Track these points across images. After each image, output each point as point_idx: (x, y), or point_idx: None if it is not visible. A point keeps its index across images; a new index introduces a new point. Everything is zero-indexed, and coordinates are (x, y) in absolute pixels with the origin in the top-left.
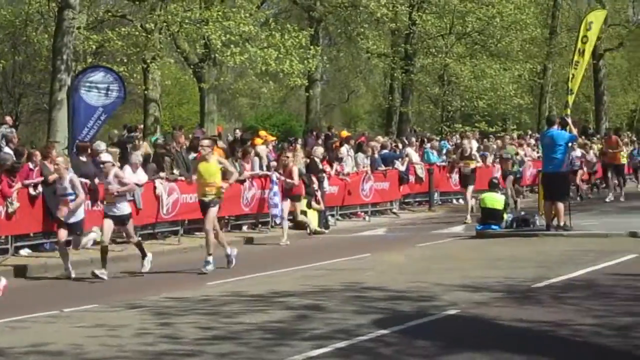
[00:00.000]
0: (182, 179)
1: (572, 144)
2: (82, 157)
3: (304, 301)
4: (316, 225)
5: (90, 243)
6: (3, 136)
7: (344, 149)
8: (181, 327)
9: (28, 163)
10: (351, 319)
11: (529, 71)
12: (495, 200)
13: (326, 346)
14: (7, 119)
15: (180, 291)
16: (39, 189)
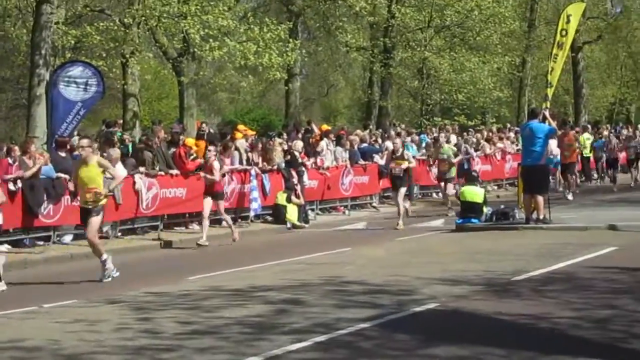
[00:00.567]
0: (162, 174)
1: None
2: (61, 153)
3: (284, 295)
4: (296, 219)
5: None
6: None
7: (324, 143)
8: (161, 322)
9: (7, 158)
10: (331, 313)
11: (508, 64)
12: (474, 193)
13: (306, 340)
14: None
15: (159, 286)
16: (19, 184)
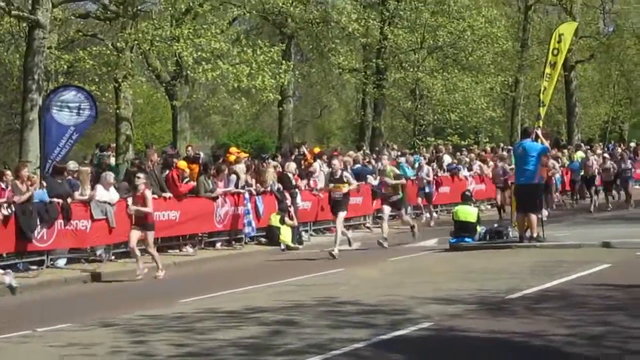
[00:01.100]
0: (155, 197)
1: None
2: (58, 179)
3: (278, 316)
4: (290, 241)
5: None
6: None
7: (317, 165)
8: (155, 345)
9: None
10: (325, 334)
11: (501, 84)
12: (468, 213)
13: None
14: None
15: (153, 309)
16: (12, 209)
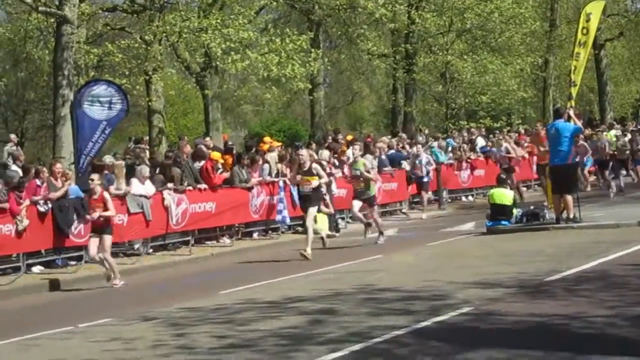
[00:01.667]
0: (190, 189)
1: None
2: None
3: (318, 305)
4: (326, 228)
5: None
6: (9, 154)
7: (350, 152)
8: (196, 337)
9: (35, 180)
10: (365, 322)
11: (531, 65)
12: (504, 196)
13: (341, 350)
14: (12, 137)
15: (193, 301)
16: (48, 205)
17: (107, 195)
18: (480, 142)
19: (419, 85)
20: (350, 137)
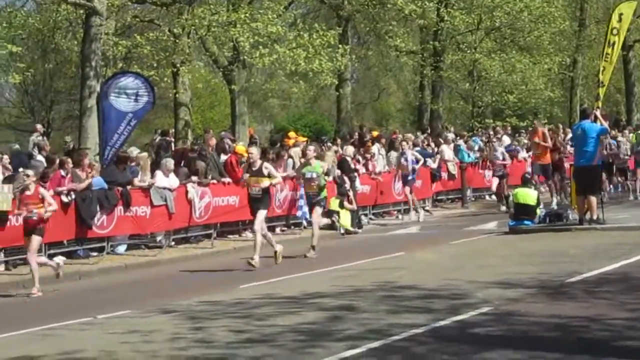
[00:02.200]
0: (214, 182)
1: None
2: (120, 167)
3: (337, 302)
4: (349, 225)
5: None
6: (35, 144)
7: (375, 148)
8: (214, 331)
9: (60, 170)
10: (384, 319)
11: (559, 64)
12: (528, 195)
13: (360, 347)
14: (38, 127)
15: (212, 295)
16: (72, 196)
17: (44, 190)
18: (506, 141)
19: (446, 82)
20: (375, 133)
